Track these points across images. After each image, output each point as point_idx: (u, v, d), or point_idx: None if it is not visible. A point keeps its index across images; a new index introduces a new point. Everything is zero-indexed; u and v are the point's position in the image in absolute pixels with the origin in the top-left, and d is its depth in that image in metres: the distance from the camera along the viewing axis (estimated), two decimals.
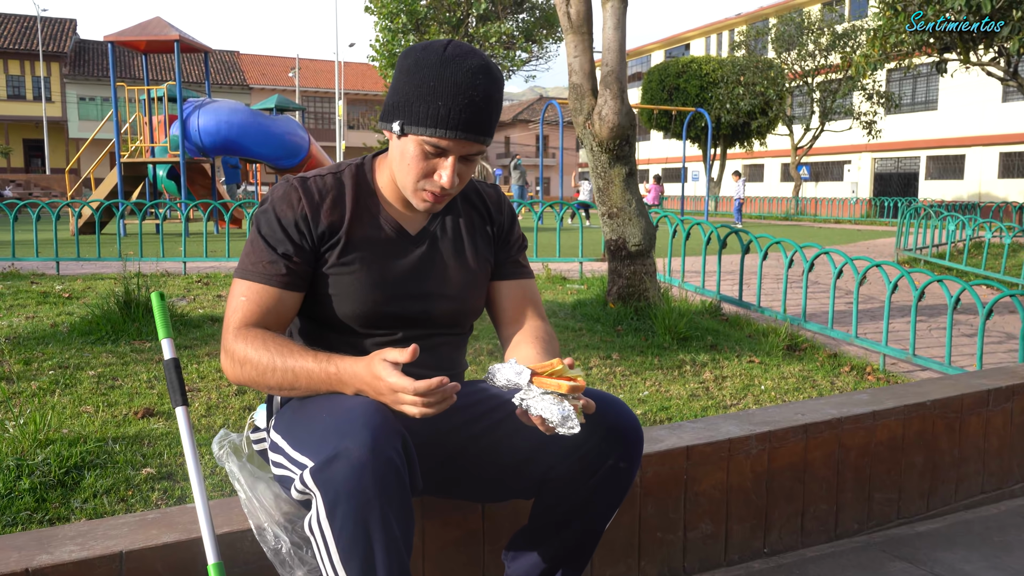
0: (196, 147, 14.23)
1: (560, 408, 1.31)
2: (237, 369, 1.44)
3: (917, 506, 2.71)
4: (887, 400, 2.67)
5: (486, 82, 1.40)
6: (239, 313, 1.46)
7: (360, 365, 1.35)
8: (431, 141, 1.40)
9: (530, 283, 1.72)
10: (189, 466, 1.51)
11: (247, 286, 1.47)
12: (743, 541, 2.33)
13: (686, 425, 2.40)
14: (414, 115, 1.40)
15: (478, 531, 1.90)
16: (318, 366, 1.39)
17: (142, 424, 2.90)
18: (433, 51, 1.41)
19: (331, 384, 1.38)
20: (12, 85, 44.05)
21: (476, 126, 1.40)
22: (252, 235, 1.51)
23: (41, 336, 4.23)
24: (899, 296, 6.80)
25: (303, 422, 1.42)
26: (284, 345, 1.42)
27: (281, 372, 1.40)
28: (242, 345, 1.43)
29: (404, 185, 1.48)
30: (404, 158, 1.45)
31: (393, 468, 1.23)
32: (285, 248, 1.47)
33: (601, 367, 4.08)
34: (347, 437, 1.24)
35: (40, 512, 2.19)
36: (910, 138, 32.24)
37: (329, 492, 1.23)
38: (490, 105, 1.41)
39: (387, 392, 1.29)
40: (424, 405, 1.27)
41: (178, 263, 7.93)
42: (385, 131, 1.49)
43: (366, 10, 29.07)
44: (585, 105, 5.30)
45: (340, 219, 1.51)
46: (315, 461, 1.27)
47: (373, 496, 1.22)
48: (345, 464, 1.21)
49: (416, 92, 1.39)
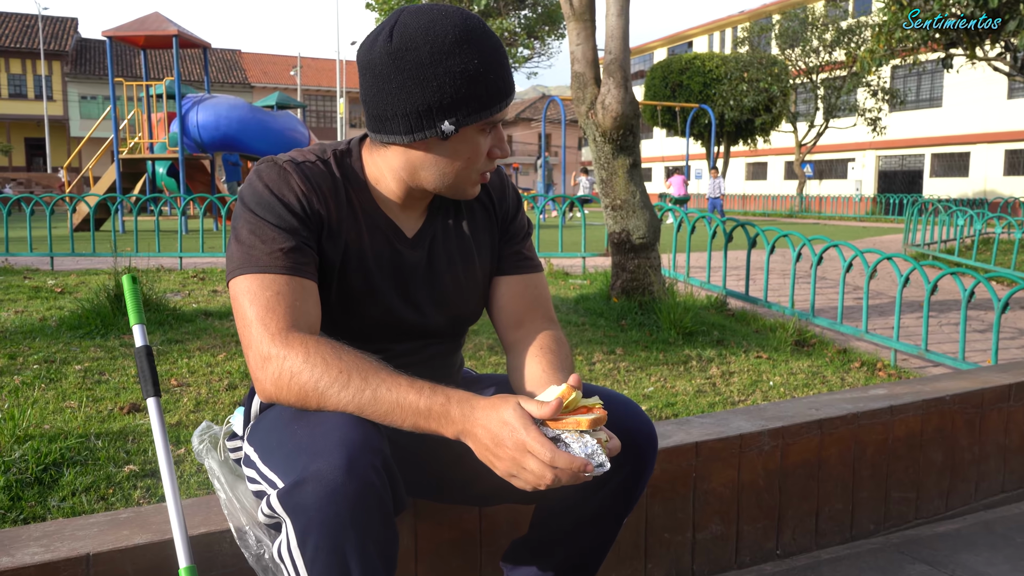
0: (195, 143, 14.12)
1: (582, 446, 1.12)
2: (284, 380, 1.17)
3: (936, 505, 2.59)
4: (905, 395, 2.55)
5: (492, 35, 1.26)
6: (277, 312, 1.20)
7: (483, 404, 1.13)
8: (491, 121, 1.25)
9: (536, 278, 1.50)
10: (160, 461, 1.39)
11: (271, 280, 1.21)
12: (754, 542, 2.22)
13: (694, 420, 2.28)
14: (471, 104, 1.21)
15: (474, 532, 1.78)
16: (416, 393, 1.15)
17: (127, 420, 2.78)
18: (446, 31, 1.21)
19: (429, 417, 1.14)
20: (14, 84, 44.01)
21: (511, 82, 1.28)
22: (250, 224, 1.25)
23: (29, 330, 4.12)
24: (909, 292, 6.68)
25: (276, 435, 1.25)
26: (363, 359, 1.18)
27: (355, 391, 1.15)
28: (299, 354, 1.17)
29: (460, 182, 1.30)
30: (459, 155, 1.27)
31: (372, 491, 1.08)
32: (300, 232, 1.25)
33: (605, 362, 3.96)
34: (320, 456, 1.08)
35: (14, 511, 2.08)
36: (915, 135, 32.10)
37: (300, 519, 1.07)
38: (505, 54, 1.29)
39: (512, 447, 1.09)
40: (550, 480, 1.09)
41: (174, 258, 7.83)
42: (401, 146, 1.28)
43: (367, 7, 28.98)
44: (588, 94, 5.18)
45: (329, 214, 1.31)
46: (284, 482, 1.13)
47: (349, 523, 1.05)
48: (317, 487, 1.06)
49: (463, 79, 1.20)
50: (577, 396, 1.16)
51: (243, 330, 1.23)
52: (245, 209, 1.27)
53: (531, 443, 1.08)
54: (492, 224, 1.48)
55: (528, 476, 1.10)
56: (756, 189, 39.64)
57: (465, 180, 1.31)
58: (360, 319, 1.36)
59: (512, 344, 1.45)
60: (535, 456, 1.08)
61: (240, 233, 1.26)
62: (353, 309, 1.35)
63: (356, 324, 1.36)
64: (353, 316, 1.36)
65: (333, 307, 1.34)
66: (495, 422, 1.11)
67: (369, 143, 1.37)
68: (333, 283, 1.33)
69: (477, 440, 1.13)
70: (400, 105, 1.23)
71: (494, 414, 1.12)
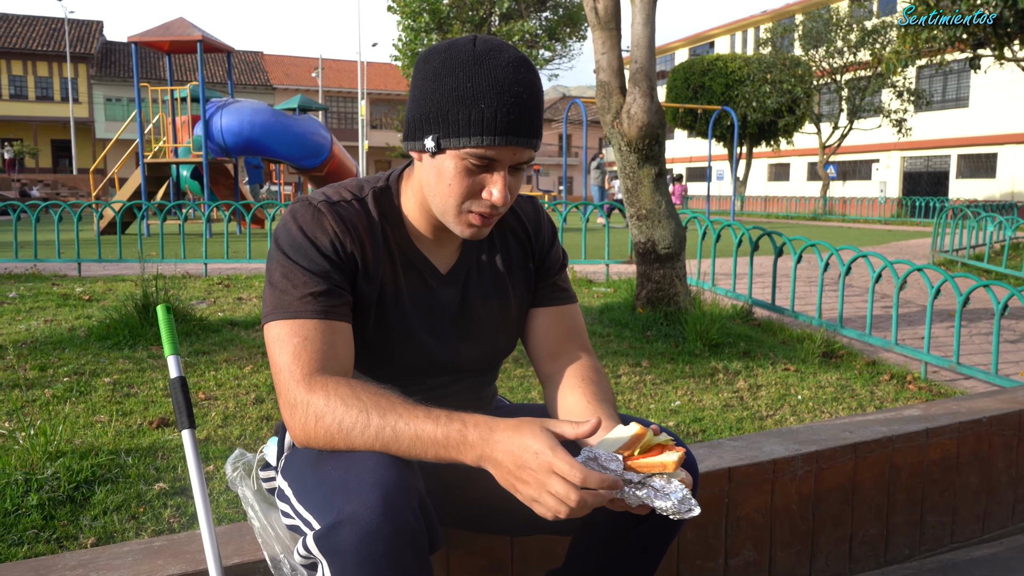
0: (219, 147, 14.23)
1: (674, 491, 1.06)
2: (311, 425, 1.18)
3: (972, 529, 2.54)
4: (940, 416, 2.51)
5: (529, 75, 1.20)
6: (302, 359, 1.21)
7: (502, 427, 1.11)
8: (476, 153, 1.18)
9: (571, 309, 1.48)
10: (196, 495, 1.39)
11: (299, 326, 1.22)
12: (787, 568, 2.19)
13: (725, 444, 2.25)
14: (452, 125, 1.18)
15: (506, 561, 1.77)
16: (432, 423, 1.13)
17: (156, 435, 2.80)
18: (461, 48, 1.20)
19: (447, 446, 1.12)
20: (40, 87, 44.63)
21: (525, 127, 1.19)
22: (282, 268, 1.25)
23: (58, 340, 4.16)
24: (938, 300, 6.59)
25: (310, 472, 1.24)
26: (380, 395, 1.17)
27: (376, 429, 1.14)
28: (320, 398, 1.17)
29: (444, 210, 1.26)
30: (442, 178, 1.23)
31: (408, 532, 1.07)
32: (331, 276, 1.25)
33: (631, 375, 3.94)
34: (355, 498, 1.07)
35: (47, 530, 2.09)
36: (941, 136, 31.70)
37: (336, 562, 1.06)
38: (537, 102, 1.20)
39: (537, 469, 1.06)
40: (577, 504, 1.05)
41: (199, 264, 7.88)
42: (412, 152, 1.27)
43: (389, 9, 29.08)
44: (613, 103, 5.15)
45: (364, 255, 1.30)
46: (320, 524, 1.12)
47: (385, 566, 1.04)
48: (353, 530, 1.05)
49: (451, 98, 1.18)
50: (651, 436, 1.11)
51: (274, 376, 1.24)
52: (279, 251, 1.27)
53: (558, 464, 1.04)
54: (527, 258, 1.47)
55: (550, 501, 1.06)
56: (779, 191, 39.33)
57: (448, 210, 1.25)
58: (397, 356, 1.36)
59: (549, 376, 1.43)
60: (563, 477, 1.04)
61: (273, 276, 1.26)
62: (389, 347, 1.35)
63: (393, 361, 1.36)
64: (390, 354, 1.35)
65: (370, 345, 1.33)
66: (518, 445, 1.08)
67: (406, 174, 1.37)
68: (370, 322, 1.32)
69: (499, 464, 1.10)
70: (409, 110, 1.26)
71: (516, 437, 1.09)
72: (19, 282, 6.61)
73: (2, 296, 5.75)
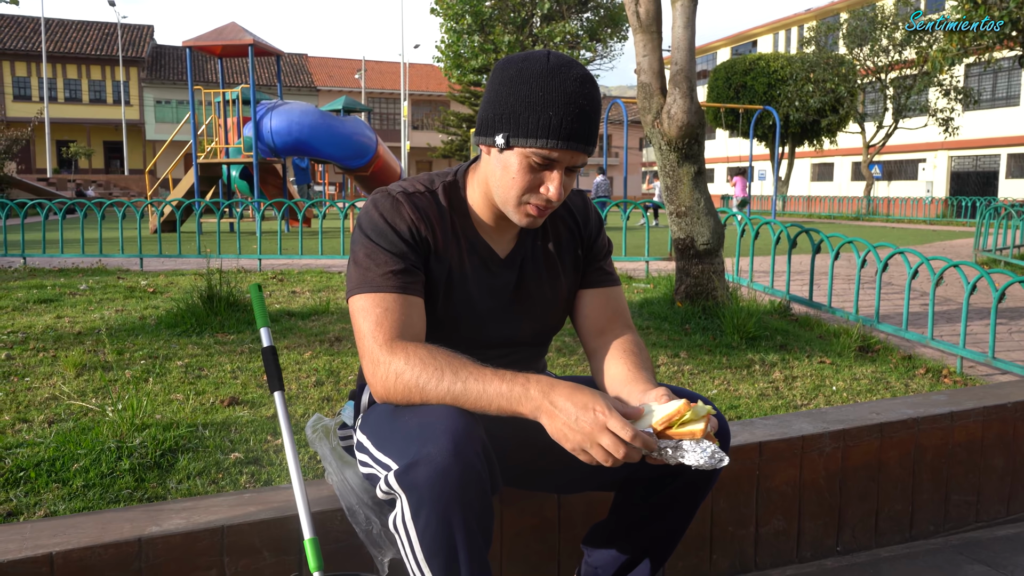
0: (268, 148, 14.65)
1: (703, 450, 1.25)
2: (391, 381, 1.38)
3: (997, 510, 2.66)
4: (966, 401, 2.63)
5: (592, 91, 1.39)
6: (384, 326, 1.40)
7: (564, 385, 1.31)
8: (541, 153, 1.38)
9: (615, 291, 1.67)
10: (286, 444, 1.60)
11: (381, 298, 1.42)
12: (816, 539, 2.33)
13: (757, 422, 2.41)
14: (522, 127, 1.37)
15: (553, 520, 1.95)
16: (499, 379, 1.33)
17: (228, 412, 3.04)
18: (536, 61, 1.39)
19: (510, 399, 1.31)
20: (94, 90, 45.99)
21: (584, 135, 1.39)
22: (366, 249, 1.46)
23: (131, 328, 4.45)
24: (978, 298, 6.60)
25: (388, 424, 1.44)
26: (453, 356, 1.37)
27: (448, 384, 1.33)
28: (401, 358, 1.37)
29: (506, 200, 1.45)
30: (508, 172, 1.42)
31: (474, 472, 1.25)
32: (408, 256, 1.45)
33: (669, 365, 4.09)
34: (430, 442, 1.26)
35: (139, 491, 2.32)
36: (989, 135, 31.06)
37: (413, 495, 1.26)
38: (596, 114, 1.40)
39: (593, 423, 1.25)
40: (623, 457, 1.25)
41: (253, 260, 8.20)
42: (482, 146, 1.46)
43: (431, 11, 29.44)
44: (654, 104, 5.30)
45: (435, 239, 1.50)
46: (399, 464, 1.30)
47: (454, 499, 1.24)
48: (428, 468, 1.24)
49: (523, 103, 1.37)
50: (693, 412, 1.28)
51: (359, 342, 1.45)
52: (362, 235, 1.48)
53: (613, 421, 1.24)
54: (576, 245, 1.65)
55: (598, 453, 1.25)
56: (822, 191, 38.87)
57: (509, 200, 1.45)
58: (461, 330, 1.55)
59: (595, 350, 1.62)
60: (615, 433, 1.24)
61: (358, 256, 1.47)
62: (455, 321, 1.54)
63: (458, 334, 1.55)
64: (455, 327, 1.55)
65: (439, 319, 1.53)
66: (578, 401, 1.27)
67: (472, 169, 1.57)
68: (439, 299, 1.52)
69: (554, 416, 1.28)
70: (483, 109, 1.44)
71: (576, 394, 1.28)
72: (87, 275, 7.02)
73: (74, 288, 6.13)
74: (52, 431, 2.70)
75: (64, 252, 8.30)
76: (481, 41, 29.09)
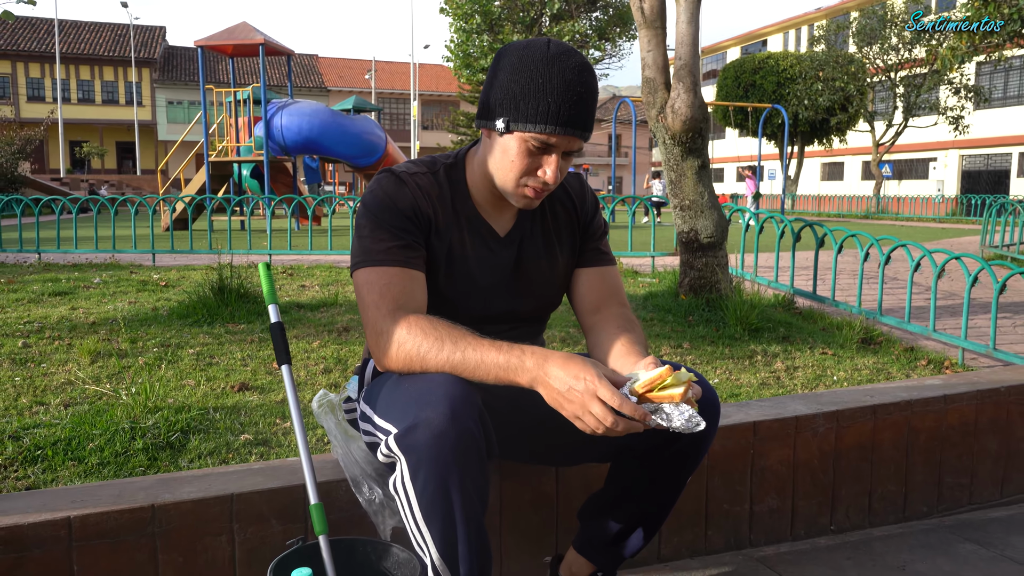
0: (279, 146, 14.77)
1: (680, 413, 1.31)
2: (393, 350, 1.44)
3: (990, 492, 2.71)
4: (959, 385, 2.68)
5: (589, 79, 1.44)
6: (387, 298, 1.46)
7: (557, 356, 1.36)
8: (539, 138, 1.43)
9: (611, 270, 1.73)
10: (292, 414, 1.67)
11: (384, 271, 1.48)
12: (809, 517, 2.39)
13: (753, 404, 2.47)
14: (521, 112, 1.42)
15: (552, 493, 2.02)
16: (496, 350, 1.38)
17: (238, 397, 3.11)
18: (537, 49, 1.44)
19: (507, 369, 1.37)
20: (106, 90, 46.34)
21: (581, 121, 1.44)
22: (370, 225, 1.51)
23: (143, 319, 4.54)
24: (982, 292, 6.63)
25: (389, 392, 1.49)
26: (453, 327, 1.43)
27: (448, 353, 1.39)
28: (403, 328, 1.43)
29: (504, 182, 1.51)
30: (507, 155, 1.47)
31: (470, 436, 1.30)
32: (411, 233, 1.51)
33: (672, 355, 4.15)
34: (428, 407, 1.31)
35: (153, 469, 2.40)
36: (1001, 134, 30.92)
37: (412, 457, 1.31)
38: (593, 101, 1.46)
39: (584, 392, 1.30)
40: (612, 424, 1.29)
41: (264, 255, 8.30)
42: (483, 129, 1.51)
43: (441, 11, 29.55)
44: (658, 99, 5.36)
45: (436, 217, 1.55)
46: (398, 428, 1.36)
47: (451, 461, 1.29)
48: (426, 432, 1.29)
49: (523, 89, 1.42)
50: (674, 378, 1.33)
51: (363, 313, 1.52)
52: (366, 211, 1.55)
53: (602, 390, 1.29)
54: (573, 224, 1.72)
55: (590, 420, 1.30)
56: (832, 190, 38.78)
57: (507, 182, 1.50)
58: (461, 305, 1.61)
59: (591, 326, 1.68)
60: (603, 402, 1.29)
61: (362, 232, 1.54)
62: (455, 297, 1.61)
63: (458, 309, 1.61)
64: (456, 302, 1.61)
65: (440, 294, 1.59)
66: (570, 372, 1.32)
67: (473, 152, 1.63)
68: (440, 275, 1.58)
69: (549, 386, 1.34)
70: (484, 94, 1.49)
71: (568, 365, 1.33)
72: (100, 270, 7.14)
73: (88, 281, 6.24)
74: (68, 413, 2.79)
75: (78, 248, 8.43)
76: (490, 41, 29.19)
